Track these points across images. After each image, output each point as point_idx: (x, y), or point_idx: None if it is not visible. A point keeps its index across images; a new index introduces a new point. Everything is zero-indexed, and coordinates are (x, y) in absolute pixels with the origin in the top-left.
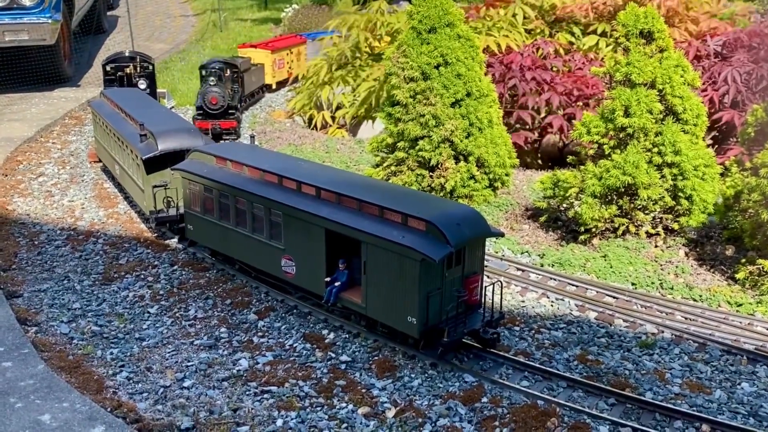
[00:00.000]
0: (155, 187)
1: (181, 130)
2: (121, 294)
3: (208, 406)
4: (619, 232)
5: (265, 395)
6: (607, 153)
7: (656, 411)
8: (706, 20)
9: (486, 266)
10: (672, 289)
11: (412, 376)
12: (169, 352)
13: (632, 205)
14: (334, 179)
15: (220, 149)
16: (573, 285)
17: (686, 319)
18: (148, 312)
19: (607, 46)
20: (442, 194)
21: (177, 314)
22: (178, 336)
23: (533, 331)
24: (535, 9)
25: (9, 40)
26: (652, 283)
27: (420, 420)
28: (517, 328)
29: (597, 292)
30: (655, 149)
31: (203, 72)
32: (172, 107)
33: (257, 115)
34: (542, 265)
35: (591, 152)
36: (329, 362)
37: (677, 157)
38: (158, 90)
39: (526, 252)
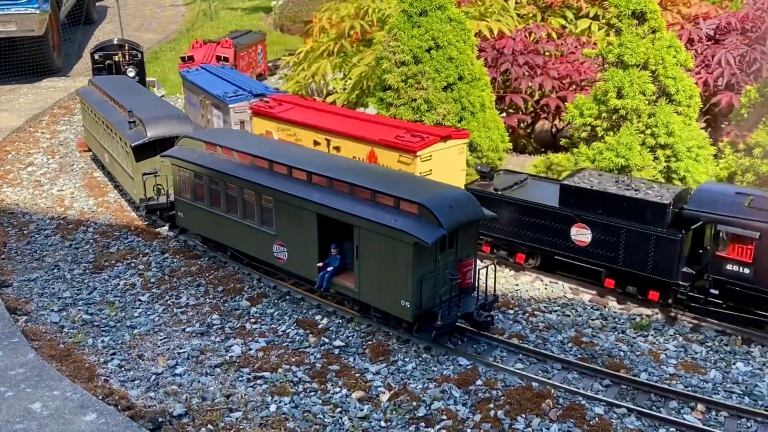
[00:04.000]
0: (145, 174)
1: (170, 117)
2: (111, 282)
3: (201, 393)
4: None
5: (258, 381)
6: (600, 135)
7: (651, 392)
8: (697, 3)
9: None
10: None
11: (406, 360)
12: (160, 340)
13: None
14: (326, 163)
15: (210, 135)
16: None
17: None
18: (140, 300)
19: (599, 29)
20: None
21: (168, 302)
22: (169, 323)
23: (527, 314)
24: None
25: None
26: None
27: (414, 403)
28: (511, 312)
29: None
30: (648, 131)
31: None
32: (162, 96)
33: None
34: None
35: (584, 135)
36: (323, 347)
37: (670, 139)
38: (148, 78)
39: None
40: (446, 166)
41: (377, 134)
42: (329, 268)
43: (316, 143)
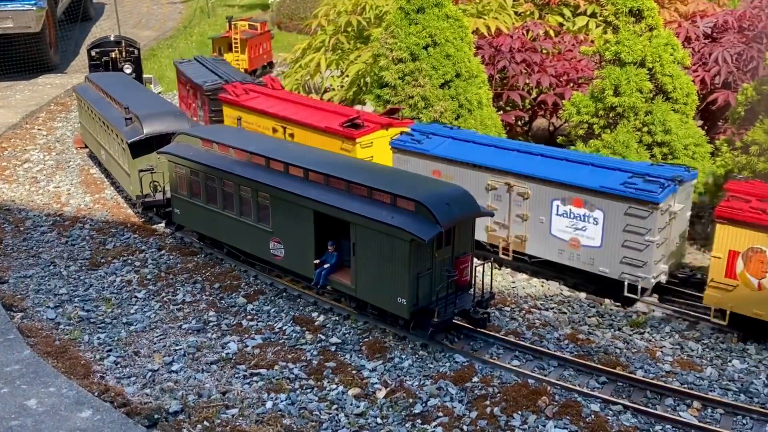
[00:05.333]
0: (141, 171)
1: (166, 113)
2: (108, 279)
3: (197, 390)
4: None
5: (255, 378)
6: (597, 133)
7: (647, 389)
8: (695, 1)
9: None
10: None
11: (403, 357)
12: (157, 337)
13: None
14: (322, 160)
15: (206, 132)
16: None
17: None
18: (136, 297)
19: (597, 27)
20: None
21: (165, 299)
22: (166, 320)
23: (524, 312)
24: None
25: None
26: None
27: (411, 400)
28: (508, 309)
29: None
30: (645, 128)
31: None
32: (159, 92)
33: None
34: None
35: (581, 132)
36: (319, 344)
37: (667, 137)
38: (145, 75)
39: None
40: None
41: None
42: (326, 265)
43: None
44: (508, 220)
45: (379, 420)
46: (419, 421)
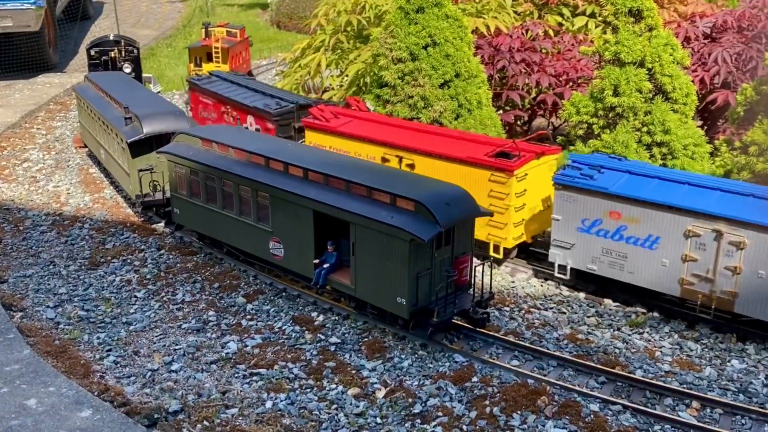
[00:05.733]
0: (141, 170)
1: (166, 113)
2: (107, 278)
3: (197, 389)
4: None
5: (254, 377)
6: (596, 133)
7: (646, 389)
8: (694, 2)
9: None
10: None
11: (402, 356)
12: (156, 336)
13: None
14: (322, 160)
15: (206, 131)
16: None
17: None
18: (135, 296)
19: (596, 26)
20: None
21: (164, 298)
22: (165, 320)
23: (523, 311)
24: None
25: None
26: None
27: (410, 400)
28: (507, 309)
29: None
30: (645, 128)
31: None
32: (159, 92)
33: None
34: None
35: (580, 132)
36: (319, 344)
37: (667, 137)
38: (144, 75)
39: None
40: None
41: None
42: (325, 265)
43: None
44: (714, 272)
45: (378, 420)
46: (419, 420)
